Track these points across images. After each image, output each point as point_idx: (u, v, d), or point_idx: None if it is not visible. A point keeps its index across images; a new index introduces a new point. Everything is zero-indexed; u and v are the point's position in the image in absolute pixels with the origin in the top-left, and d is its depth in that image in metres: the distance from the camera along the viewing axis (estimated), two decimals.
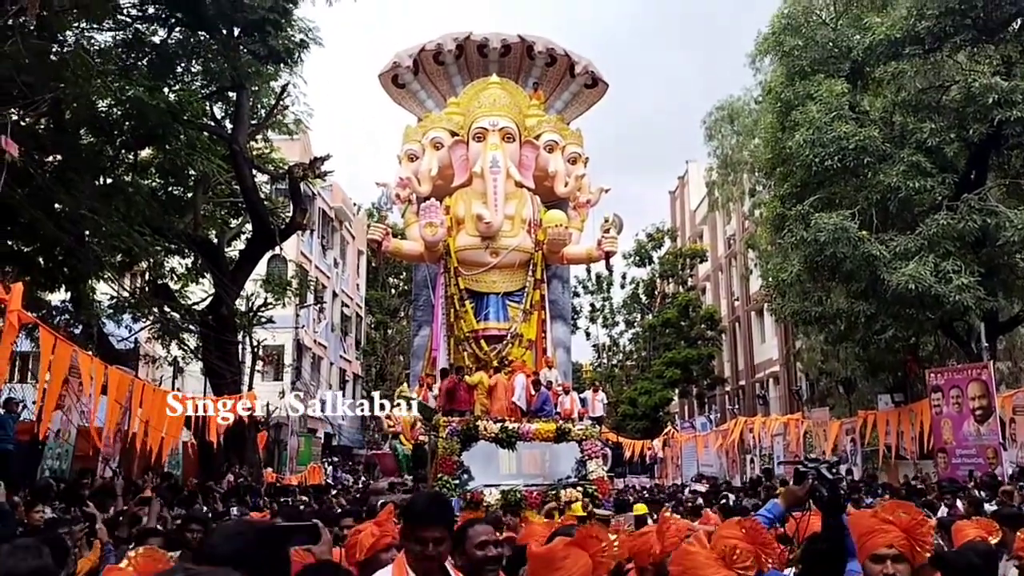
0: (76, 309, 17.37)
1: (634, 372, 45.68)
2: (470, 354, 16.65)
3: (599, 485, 12.63)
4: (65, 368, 8.90)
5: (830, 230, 16.16)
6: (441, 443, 12.88)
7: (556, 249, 16.55)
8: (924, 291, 15.30)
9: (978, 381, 15.55)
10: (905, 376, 21.73)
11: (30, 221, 13.02)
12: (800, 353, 29.94)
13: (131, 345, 20.21)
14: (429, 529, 2.98)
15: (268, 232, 18.81)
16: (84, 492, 8.68)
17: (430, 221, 16.08)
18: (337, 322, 40.09)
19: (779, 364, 35.19)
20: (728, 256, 41.95)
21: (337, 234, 40.48)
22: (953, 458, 15.84)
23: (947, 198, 16.61)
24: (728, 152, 29.52)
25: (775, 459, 24.54)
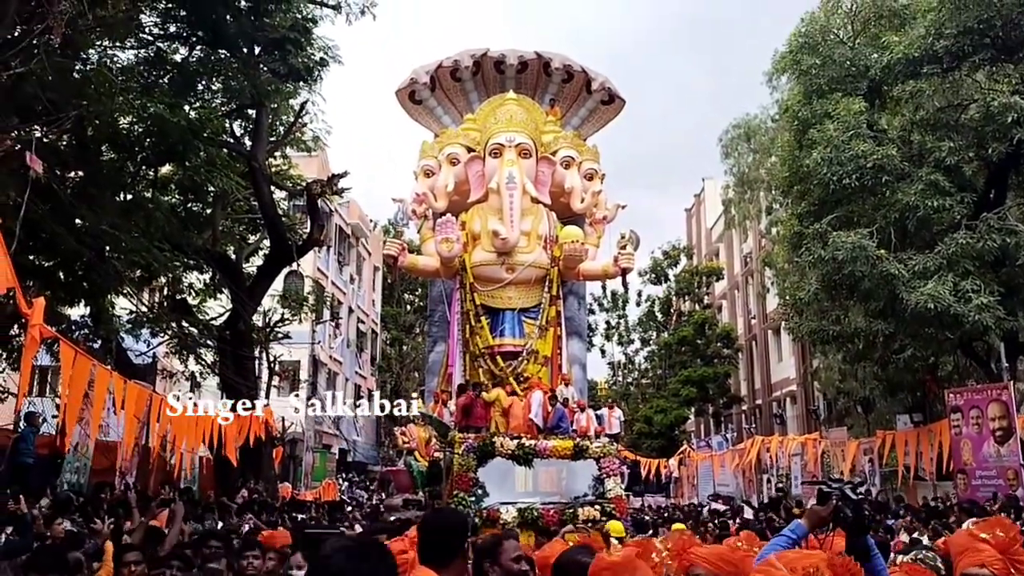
0: (95, 324, 17.52)
1: (650, 390, 45.52)
2: (485, 370, 16.60)
3: (617, 503, 12.51)
4: (84, 382, 8.97)
5: (848, 248, 16.09)
6: (457, 459, 12.83)
7: (572, 265, 16.50)
8: (943, 310, 15.19)
9: (998, 402, 15.40)
10: (924, 396, 21.54)
11: (52, 236, 13.17)
12: (817, 372, 29.73)
13: (149, 360, 20.35)
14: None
15: (285, 248, 18.94)
16: (103, 506, 8.72)
17: (446, 237, 16.07)
18: (353, 338, 40.20)
19: (796, 383, 34.95)
20: (745, 274, 41.80)
21: (353, 250, 40.66)
22: (973, 479, 15.67)
23: (966, 217, 16.51)
24: (745, 170, 29.48)
25: (792, 479, 24.34)
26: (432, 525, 3.42)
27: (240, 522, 10.82)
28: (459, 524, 3.45)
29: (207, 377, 22.34)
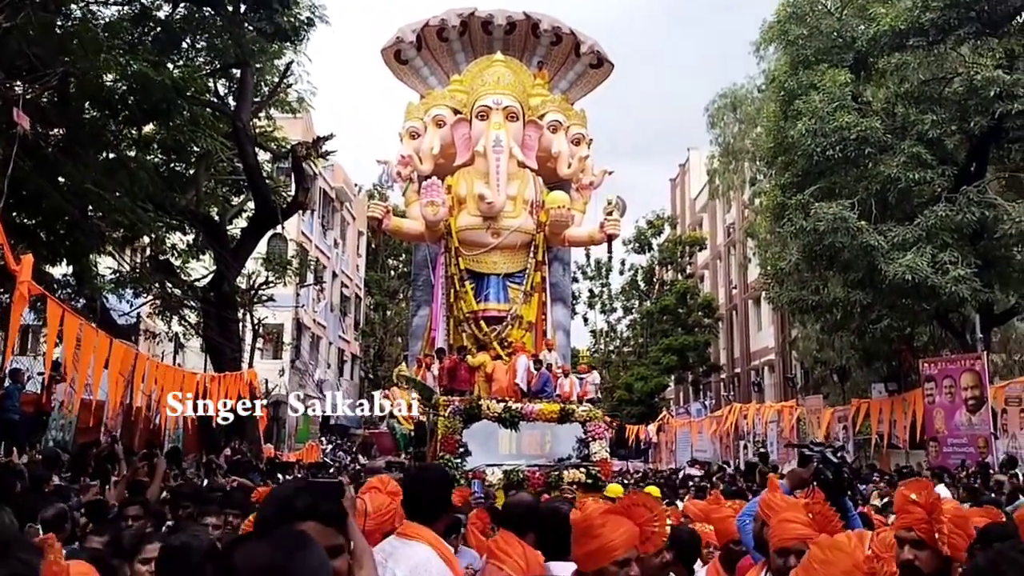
0: (78, 283, 17.44)
1: (631, 358, 45.89)
2: (469, 335, 16.70)
3: (602, 466, 12.71)
4: (74, 340, 8.99)
5: (829, 220, 16.27)
6: (442, 422, 12.97)
7: (558, 231, 16.56)
8: (921, 282, 15.43)
9: (971, 372, 15.72)
10: (899, 366, 21.92)
11: (35, 194, 13.06)
12: (796, 342, 30.11)
13: (132, 320, 20.30)
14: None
15: (270, 211, 18.86)
16: (90, 463, 8.81)
17: (431, 200, 16.04)
18: (336, 302, 40.21)
19: (775, 352, 35.39)
20: (727, 244, 42.06)
21: (338, 215, 40.53)
22: (944, 447, 16.04)
23: (946, 190, 16.72)
24: (730, 140, 29.57)
25: (769, 445, 24.74)
26: (418, 481, 3.45)
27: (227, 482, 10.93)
28: (444, 479, 3.51)
29: (190, 338, 22.34)
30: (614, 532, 2.79)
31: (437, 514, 3.31)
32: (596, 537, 2.79)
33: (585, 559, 2.76)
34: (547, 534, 3.47)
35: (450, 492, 3.53)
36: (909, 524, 2.67)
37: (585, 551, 2.80)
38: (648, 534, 3.01)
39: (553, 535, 3.40)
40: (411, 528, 3.20)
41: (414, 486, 3.39)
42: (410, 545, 3.10)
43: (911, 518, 2.68)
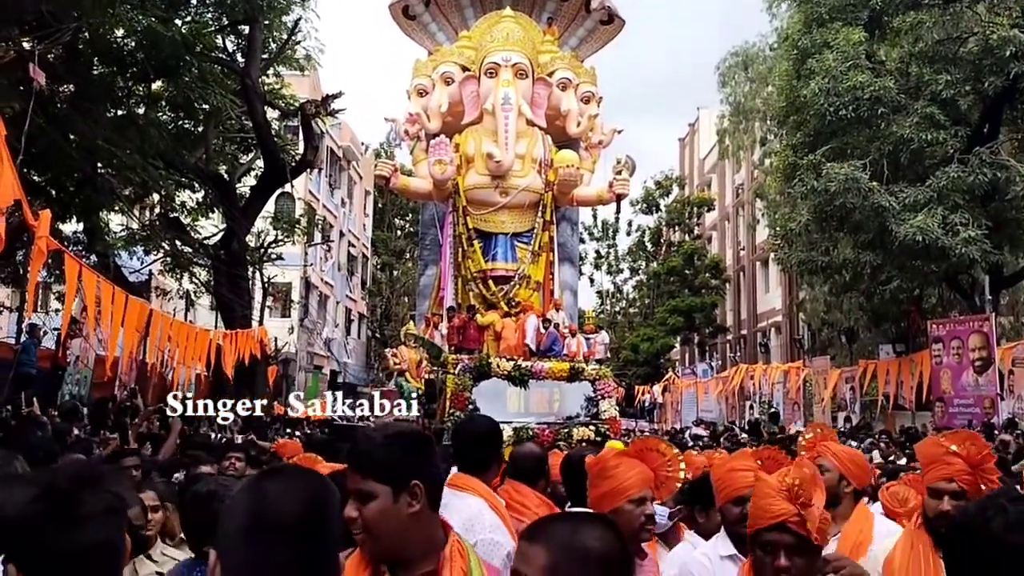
0: (90, 240, 17.53)
1: (637, 319, 46.00)
2: (477, 294, 16.74)
3: (611, 424, 12.79)
4: (94, 296, 9.07)
5: (841, 180, 16.20)
6: (451, 380, 13.05)
7: (567, 190, 16.50)
8: (931, 243, 15.40)
9: (979, 333, 15.76)
10: (907, 327, 21.95)
11: (47, 150, 13.08)
12: (803, 303, 30.14)
13: (144, 277, 20.42)
14: None
15: (279, 169, 18.84)
16: (108, 417, 8.95)
17: (439, 159, 15.96)
18: (344, 262, 40.27)
19: (782, 314, 35.44)
20: (736, 205, 41.90)
21: (345, 173, 40.41)
22: (951, 407, 16.14)
23: (959, 151, 16.60)
24: (741, 99, 29.27)
25: (775, 405, 24.90)
26: (467, 432, 3.40)
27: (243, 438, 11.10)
28: (493, 430, 3.45)
29: (201, 296, 22.46)
30: (628, 472, 2.82)
31: (487, 465, 3.28)
32: (610, 478, 2.82)
33: (600, 500, 2.80)
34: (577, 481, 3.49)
35: (500, 443, 3.47)
36: (950, 475, 2.64)
37: (600, 492, 2.84)
38: (662, 479, 3.01)
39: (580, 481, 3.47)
40: (461, 479, 3.19)
41: (463, 437, 3.36)
42: (462, 497, 3.09)
43: (951, 469, 2.65)
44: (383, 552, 1.98)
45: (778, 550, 2.23)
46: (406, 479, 1.94)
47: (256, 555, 1.32)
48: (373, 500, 1.92)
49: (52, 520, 1.41)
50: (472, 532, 2.90)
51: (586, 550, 1.60)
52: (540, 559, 1.59)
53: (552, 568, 1.58)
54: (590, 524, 1.69)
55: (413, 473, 1.96)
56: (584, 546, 1.61)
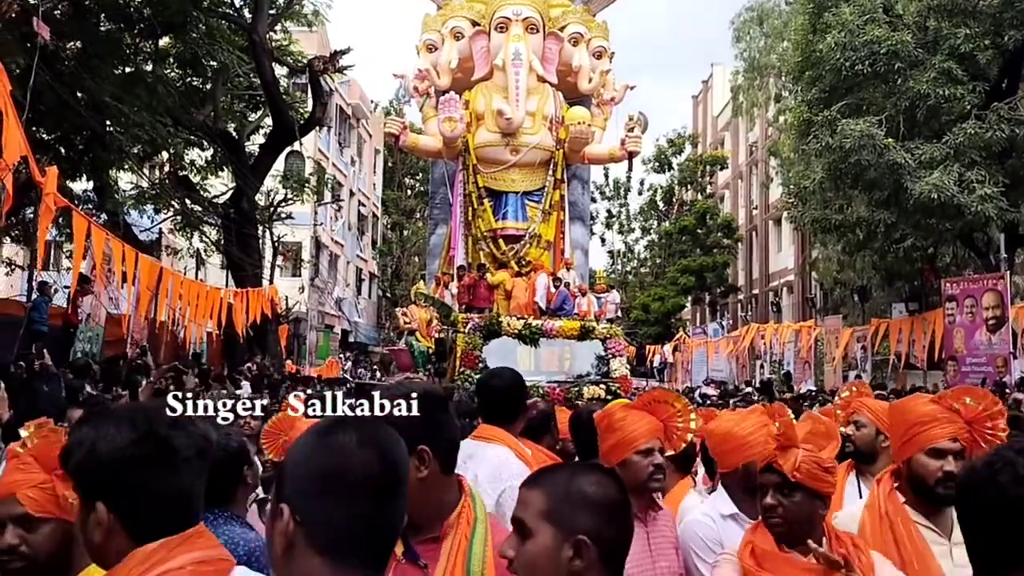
0: (100, 198, 17.53)
1: (648, 279, 45.88)
2: (487, 253, 16.65)
3: (622, 383, 12.78)
4: (101, 253, 9.07)
5: (856, 136, 15.96)
6: (462, 338, 13.06)
7: (578, 148, 16.29)
8: (946, 200, 15.21)
9: (993, 291, 15.64)
10: (921, 286, 21.81)
11: (54, 108, 13.03)
12: (816, 262, 29.96)
13: (154, 236, 20.46)
14: None
15: (287, 126, 18.74)
16: (121, 374, 8.99)
17: (449, 116, 15.75)
18: (354, 221, 40.24)
19: (794, 273, 35.27)
20: (749, 163, 41.51)
21: (354, 132, 40.18)
22: (963, 366, 16.07)
23: (976, 107, 16.31)
24: (755, 55, 28.83)
25: (786, 365, 24.88)
26: (493, 385, 3.40)
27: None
28: (517, 382, 3.44)
29: (212, 255, 22.50)
30: (636, 423, 2.80)
31: (513, 416, 3.31)
32: (617, 430, 2.80)
33: (608, 452, 2.78)
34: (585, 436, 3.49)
35: (524, 394, 3.48)
36: (954, 434, 2.54)
37: (608, 445, 2.83)
38: (672, 430, 2.95)
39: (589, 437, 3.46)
40: (488, 430, 3.23)
41: (487, 390, 3.38)
42: (489, 447, 3.12)
43: (955, 427, 2.55)
44: None
45: (767, 490, 2.31)
46: (413, 443, 1.86)
47: (336, 508, 1.30)
48: None
49: (151, 464, 1.45)
50: (499, 480, 2.94)
51: (583, 494, 1.60)
52: (538, 503, 1.60)
53: (549, 512, 1.57)
54: (588, 471, 1.69)
55: (421, 437, 1.90)
56: (581, 490, 1.60)
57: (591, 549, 1.55)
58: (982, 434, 2.58)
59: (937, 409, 2.59)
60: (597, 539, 1.56)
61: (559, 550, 1.55)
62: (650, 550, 2.84)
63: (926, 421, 2.55)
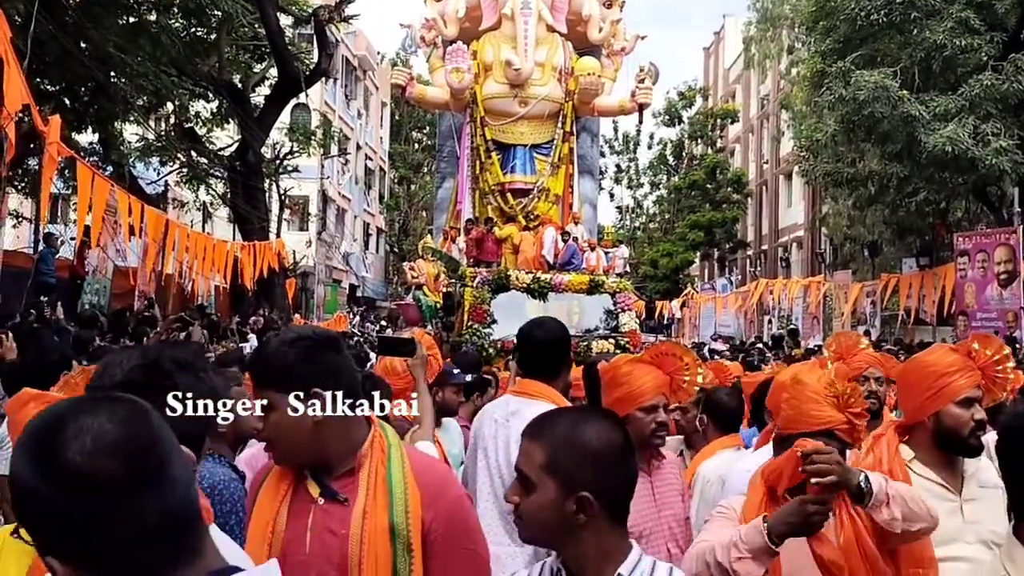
0: (105, 150, 17.44)
1: (657, 234, 45.69)
2: (495, 207, 16.53)
3: (631, 338, 12.73)
4: (104, 204, 9.02)
5: (870, 88, 15.69)
6: (469, 292, 13.02)
7: (588, 99, 16.06)
8: (960, 154, 15.00)
9: (1006, 246, 15.50)
10: (932, 240, 21.65)
11: (58, 59, 12.88)
12: (826, 217, 29.74)
13: (160, 189, 20.40)
14: None
15: (293, 77, 18.53)
16: (128, 326, 9.00)
17: (456, 66, 15.53)
18: (361, 175, 40.05)
19: (803, 228, 35.06)
20: (760, 117, 41.02)
21: (361, 84, 39.78)
22: (973, 321, 15.99)
23: (993, 58, 16.00)
24: (768, 5, 28.28)
25: (795, 320, 24.84)
26: (536, 338, 3.21)
27: None
28: (560, 334, 3.28)
29: (218, 208, 22.44)
30: (641, 379, 2.75)
31: (556, 371, 3.17)
32: (622, 384, 2.76)
33: (612, 406, 2.72)
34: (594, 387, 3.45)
35: (568, 347, 3.32)
36: (978, 382, 2.53)
37: (612, 399, 2.79)
38: (679, 384, 2.92)
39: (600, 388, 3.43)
40: (531, 386, 3.12)
41: (531, 342, 3.21)
42: (535, 404, 2.95)
43: (978, 376, 2.55)
44: (292, 462, 1.92)
45: None
46: (305, 387, 1.82)
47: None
48: (273, 411, 1.84)
49: (151, 390, 1.44)
50: None
51: (585, 447, 1.60)
52: (539, 456, 1.60)
53: (550, 466, 1.58)
54: (589, 419, 1.67)
55: (312, 380, 1.84)
56: (583, 443, 1.60)
57: (594, 504, 1.56)
58: (992, 378, 2.62)
59: (960, 359, 2.56)
60: (600, 492, 1.57)
61: (562, 504, 1.57)
62: (655, 501, 2.83)
63: (953, 372, 2.51)
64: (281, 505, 1.90)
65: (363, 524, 1.83)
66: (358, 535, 1.83)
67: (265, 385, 1.87)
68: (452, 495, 1.94)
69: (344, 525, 1.84)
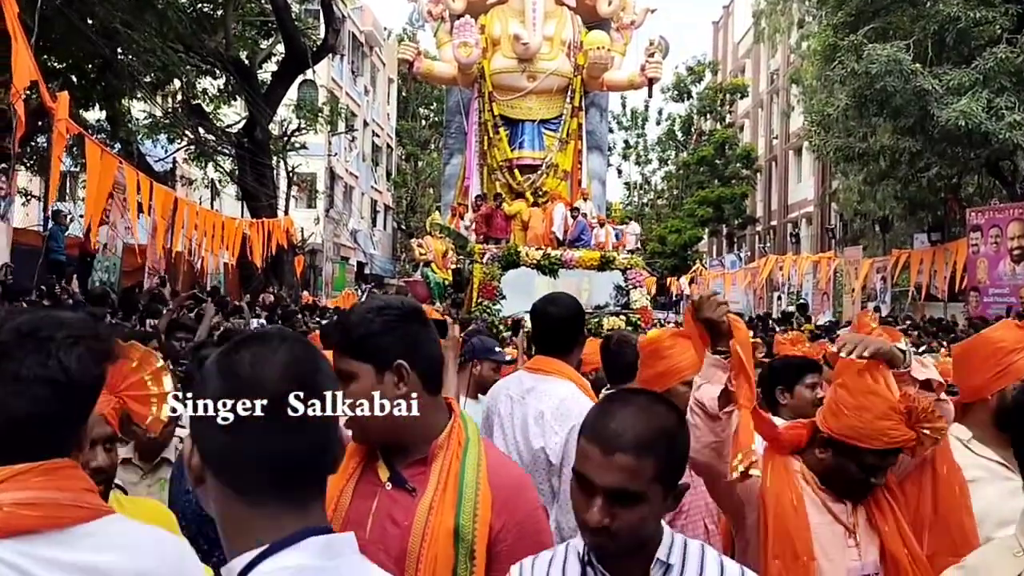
0: (113, 127, 17.41)
1: (665, 210, 45.53)
2: (503, 184, 16.47)
3: (642, 314, 12.70)
4: (110, 181, 9.01)
5: (883, 62, 15.50)
6: (479, 269, 12.98)
7: (597, 74, 15.94)
8: (974, 128, 14.84)
9: (1019, 221, 15.43)
10: (944, 215, 21.50)
11: (64, 35, 12.82)
12: (836, 193, 29.56)
13: (168, 166, 20.37)
14: None
15: (300, 53, 18.43)
16: (138, 303, 9.01)
17: (464, 41, 15.40)
18: (368, 152, 39.94)
19: (813, 204, 34.85)
20: (770, 92, 40.66)
21: (367, 60, 39.56)
22: (985, 297, 15.93)
23: (1008, 31, 15.78)
24: None
25: (804, 296, 24.76)
26: (550, 314, 3.16)
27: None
28: (575, 308, 3.24)
29: (226, 185, 22.42)
30: (683, 354, 2.67)
31: (571, 346, 3.14)
32: (664, 358, 2.67)
33: (652, 380, 2.69)
34: (614, 361, 3.51)
35: (583, 323, 3.29)
36: None
37: (652, 372, 2.73)
38: None
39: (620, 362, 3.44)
40: (546, 363, 3.09)
41: (545, 318, 3.17)
42: (551, 381, 3.00)
43: None
44: (369, 437, 1.84)
45: (882, 470, 2.14)
46: (389, 358, 1.76)
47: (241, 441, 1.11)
48: (354, 381, 1.75)
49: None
50: (568, 417, 2.83)
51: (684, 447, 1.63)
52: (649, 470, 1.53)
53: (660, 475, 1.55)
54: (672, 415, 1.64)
55: (398, 352, 1.77)
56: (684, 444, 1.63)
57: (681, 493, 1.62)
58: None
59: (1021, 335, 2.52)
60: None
61: (663, 507, 1.58)
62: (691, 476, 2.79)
63: (1021, 349, 2.45)
64: (347, 484, 1.84)
65: (428, 519, 1.75)
66: (420, 530, 1.75)
67: (346, 353, 1.78)
68: (527, 504, 1.85)
69: (408, 516, 1.77)
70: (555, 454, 2.88)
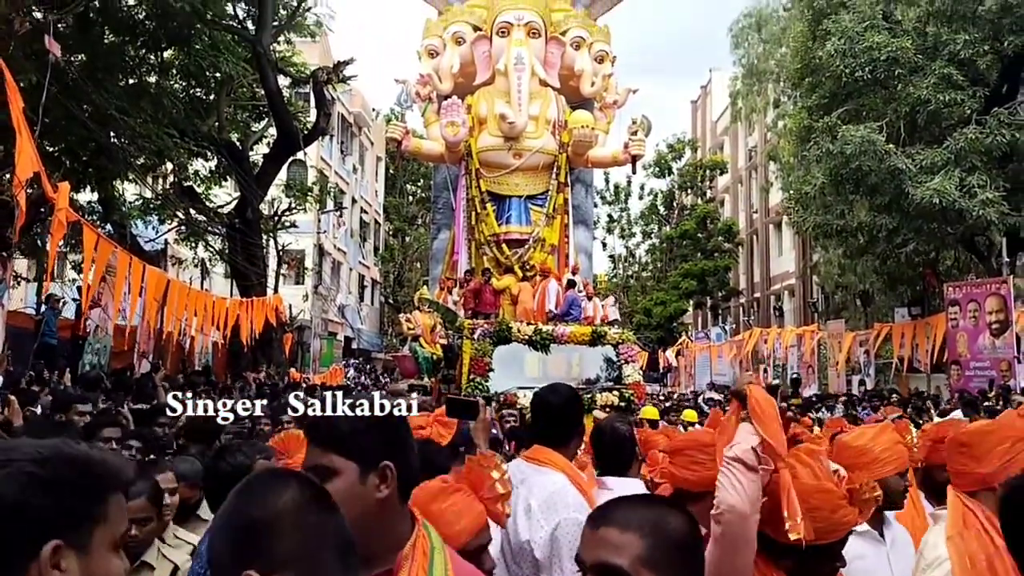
0: (105, 210, 17.61)
1: (650, 283, 45.94)
2: (491, 258, 16.58)
3: (635, 389, 12.75)
4: (103, 266, 9.14)
5: (857, 143, 16.03)
6: (471, 345, 13.00)
7: (581, 151, 16.28)
8: (948, 205, 15.27)
9: (996, 296, 15.70)
10: (923, 290, 21.86)
11: (59, 120, 13.10)
12: (817, 266, 30.03)
13: (159, 247, 20.53)
14: None
15: (292, 136, 18.83)
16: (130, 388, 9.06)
17: (451, 120, 15.72)
18: (356, 228, 40.33)
19: (795, 277, 35.34)
20: (749, 168, 41.60)
21: (356, 140, 40.30)
22: (967, 370, 16.12)
23: (977, 112, 16.39)
24: (754, 61, 28.92)
25: (789, 369, 24.92)
26: (548, 403, 3.11)
27: None
28: (574, 398, 3.19)
29: (216, 264, 22.56)
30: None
31: (568, 438, 3.08)
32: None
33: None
34: (606, 450, 3.48)
35: (581, 413, 3.24)
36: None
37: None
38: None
39: (613, 451, 3.45)
40: (541, 453, 3.03)
41: (546, 407, 3.10)
42: (543, 473, 2.95)
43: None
44: None
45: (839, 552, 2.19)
46: (376, 458, 1.70)
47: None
48: (336, 477, 1.65)
49: None
50: (554, 511, 2.79)
51: (681, 540, 1.53)
52: (636, 549, 1.48)
53: (649, 559, 1.47)
54: (672, 509, 1.60)
55: (384, 452, 1.71)
56: (678, 535, 1.53)
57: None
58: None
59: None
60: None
61: None
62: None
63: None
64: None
65: None
66: None
67: (329, 448, 1.69)
68: None
69: None
70: (540, 549, 2.79)
